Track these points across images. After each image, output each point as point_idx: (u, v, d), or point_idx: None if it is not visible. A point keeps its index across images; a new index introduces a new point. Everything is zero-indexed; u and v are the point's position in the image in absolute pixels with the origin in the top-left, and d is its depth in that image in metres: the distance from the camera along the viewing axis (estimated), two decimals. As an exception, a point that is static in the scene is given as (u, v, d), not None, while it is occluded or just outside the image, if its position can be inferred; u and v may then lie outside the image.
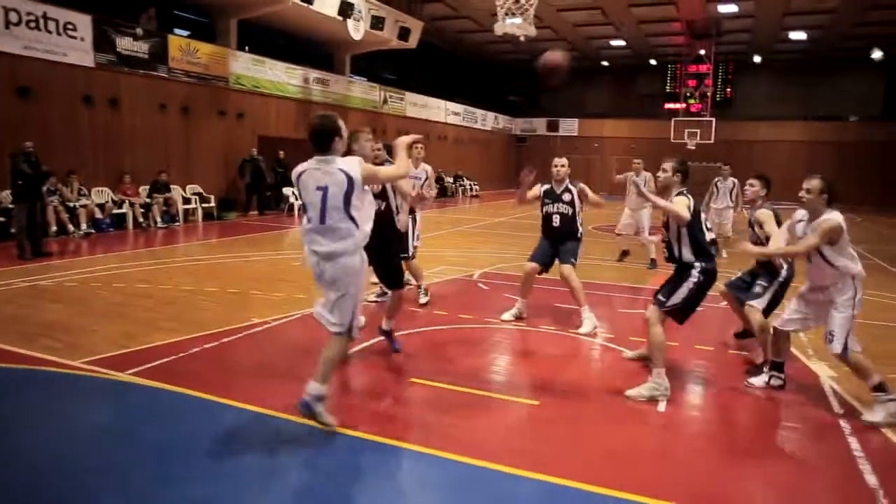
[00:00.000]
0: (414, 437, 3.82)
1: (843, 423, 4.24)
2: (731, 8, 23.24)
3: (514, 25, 5.68)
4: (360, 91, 22.31)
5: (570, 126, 35.13)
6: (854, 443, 3.92)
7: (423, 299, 7.14)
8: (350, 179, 3.59)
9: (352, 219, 3.64)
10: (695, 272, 4.69)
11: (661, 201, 4.72)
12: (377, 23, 19.73)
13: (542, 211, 6.51)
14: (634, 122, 34.07)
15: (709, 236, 4.75)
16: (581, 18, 25.41)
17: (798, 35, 26.55)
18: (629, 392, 4.62)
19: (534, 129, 35.93)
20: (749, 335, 5.74)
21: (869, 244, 14.84)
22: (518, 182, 6.23)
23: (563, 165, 6.50)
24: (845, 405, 4.57)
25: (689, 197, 4.70)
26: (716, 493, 3.33)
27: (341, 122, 3.78)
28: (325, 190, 3.60)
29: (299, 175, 3.73)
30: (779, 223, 5.38)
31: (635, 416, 4.31)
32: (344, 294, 3.76)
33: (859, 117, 31.16)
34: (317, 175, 3.65)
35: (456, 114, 29.09)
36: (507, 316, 6.63)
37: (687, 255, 4.71)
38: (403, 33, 21.26)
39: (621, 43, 29.48)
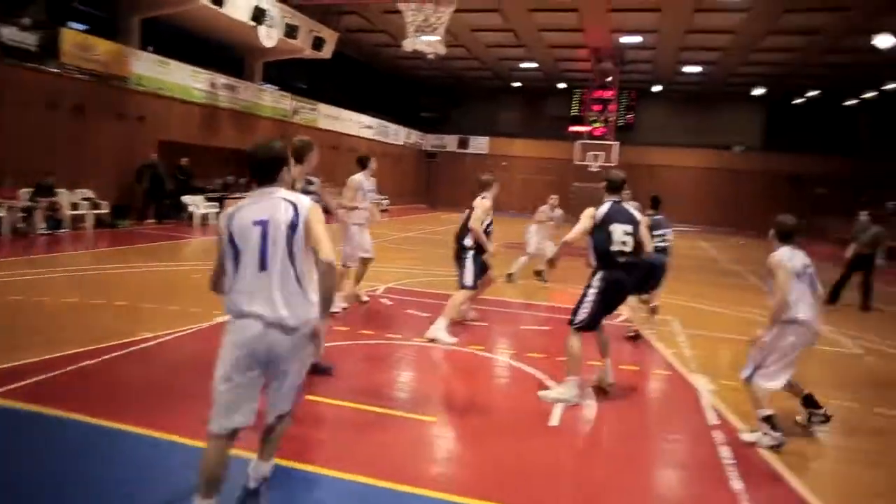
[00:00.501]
0: (309, 458, 3.75)
1: (715, 433, 4.54)
2: (635, 39, 24.58)
3: (423, 42, 5.75)
4: (271, 100, 21.84)
5: (480, 144, 35.82)
6: (725, 451, 4.20)
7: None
8: (296, 213, 2.81)
9: (297, 276, 2.79)
10: (595, 281, 4.95)
11: (569, 236, 5.06)
12: (291, 31, 19.43)
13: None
14: (543, 143, 35.21)
15: (617, 247, 4.92)
16: (494, 39, 26.08)
17: (693, 69, 28.41)
18: (541, 393, 4.97)
19: (445, 146, 36.36)
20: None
21: (751, 265, 16.02)
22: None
23: None
24: (720, 417, 4.89)
25: (598, 208, 5.01)
26: (600, 503, 3.48)
27: (288, 150, 3.12)
28: (263, 224, 2.78)
29: (231, 216, 2.83)
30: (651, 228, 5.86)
31: (528, 430, 4.43)
32: (293, 372, 2.91)
33: (744, 147, 33.70)
34: (254, 209, 2.83)
35: (369, 127, 29.00)
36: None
37: (592, 262, 5.03)
38: (317, 43, 21.04)
39: (533, 65, 30.46)
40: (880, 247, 11.31)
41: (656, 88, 33.63)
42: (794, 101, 32.92)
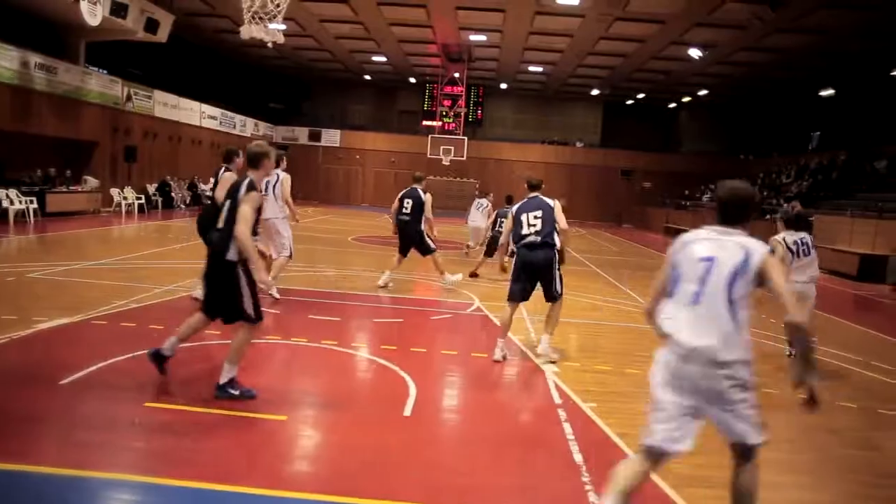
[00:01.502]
0: (150, 467, 3.48)
1: (560, 411, 4.82)
2: (481, 37, 25.39)
3: (261, 30, 5.48)
4: (99, 84, 19.90)
5: (332, 137, 35.26)
6: (567, 428, 4.48)
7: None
8: (746, 259, 2.78)
9: (733, 314, 2.77)
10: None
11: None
12: (119, 10, 17.78)
13: None
14: (395, 137, 35.42)
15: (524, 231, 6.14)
16: (343, 31, 25.71)
17: (536, 68, 29.93)
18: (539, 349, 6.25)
19: (296, 138, 35.37)
20: None
21: (590, 253, 17.22)
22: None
23: None
24: (564, 396, 5.20)
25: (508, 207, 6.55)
26: (456, 486, 3.55)
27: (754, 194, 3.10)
28: (710, 261, 2.82)
29: (686, 244, 2.94)
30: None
31: (382, 422, 4.42)
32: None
33: (583, 144, 36.19)
34: (706, 245, 2.88)
35: (212, 117, 27.45)
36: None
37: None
38: (151, 25, 19.47)
39: (383, 59, 30.45)
40: None
41: (503, 86, 35.05)
42: (627, 102, 35.85)
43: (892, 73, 23.03)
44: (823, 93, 27.78)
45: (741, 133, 35.38)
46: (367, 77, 35.34)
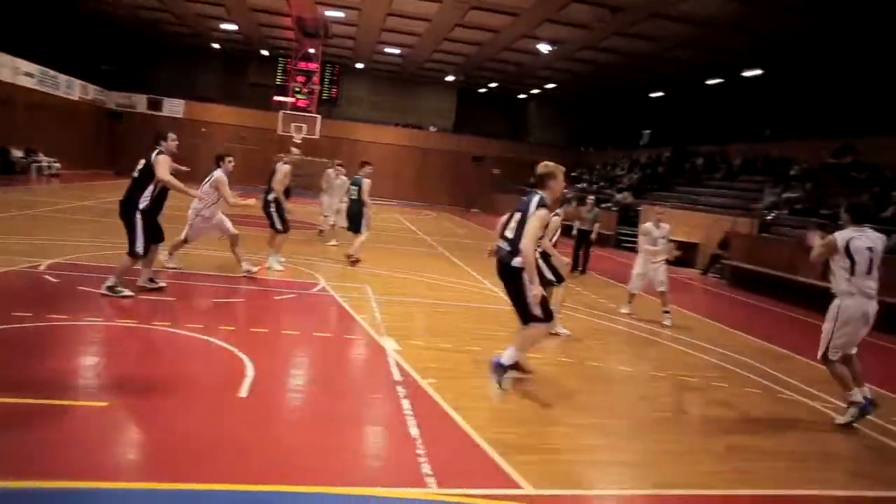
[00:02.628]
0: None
1: (399, 388, 4.92)
2: (338, 14, 24.83)
3: None
4: None
5: (175, 107, 32.79)
6: (406, 404, 4.59)
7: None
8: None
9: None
10: None
11: None
12: None
13: None
14: (244, 111, 33.72)
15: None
16: (190, -8, 24.00)
17: (392, 50, 29.86)
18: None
19: (133, 106, 32.48)
20: None
21: (439, 236, 17.64)
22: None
23: None
24: (404, 373, 5.31)
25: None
26: (292, 465, 3.51)
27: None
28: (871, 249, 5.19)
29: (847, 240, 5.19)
30: None
31: (217, 405, 4.26)
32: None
33: (437, 128, 36.77)
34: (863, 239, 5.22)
35: (29, 75, 24.41)
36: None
37: None
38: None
39: (233, 27, 28.82)
40: (597, 224, 13.77)
41: (359, 65, 34.61)
42: (480, 90, 36.89)
43: (707, 82, 25.79)
44: (653, 94, 30.47)
45: (583, 126, 37.83)
46: (216, 45, 33.30)
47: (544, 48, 24.82)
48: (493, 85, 35.42)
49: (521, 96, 37.89)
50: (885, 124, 18.19)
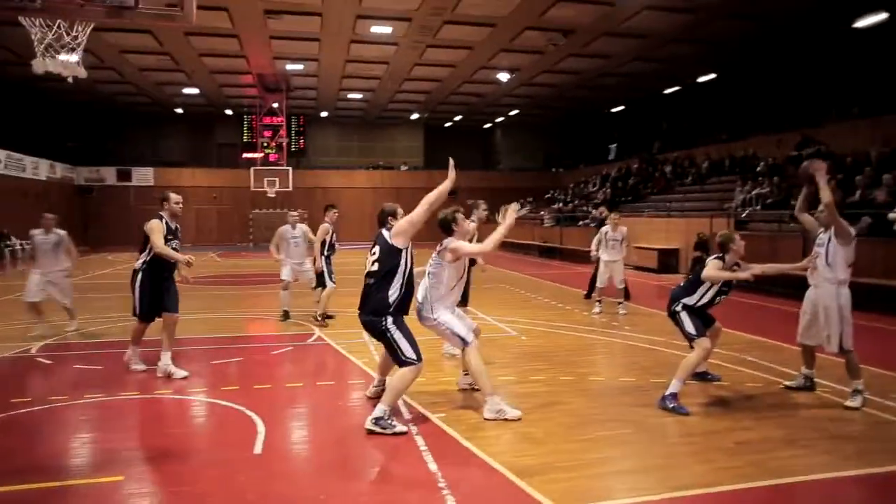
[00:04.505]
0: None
1: (410, 426, 4.94)
2: (297, 66, 25.21)
3: (58, 64, 4.99)
4: None
5: (144, 175, 32.75)
6: (419, 441, 4.61)
7: None
8: None
9: None
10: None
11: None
12: None
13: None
14: (214, 171, 33.88)
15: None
16: (149, 63, 24.21)
17: (355, 95, 30.30)
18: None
19: (102, 179, 32.40)
20: None
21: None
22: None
23: None
24: (412, 410, 5.33)
25: None
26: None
27: None
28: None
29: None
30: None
31: (232, 464, 4.24)
32: None
33: (408, 167, 37.14)
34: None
35: (-4, 160, 24.29)
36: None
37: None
38: None
39: (195, 91, 29.08)
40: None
41: (324, 114, 35.01)
42: (446, 125, 37.44)
43: (664, 92, 26.51)
44: (615, 109, 31.20)
45: (551, 148, 38.48)
46: (180, 110, 33.53)
47: (503, 77, 25.40)
48: (458, 118, 36.00)
49: (487, 125, 38.53)
50: (839, 111, 18.86)
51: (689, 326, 5.68)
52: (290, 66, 25.25)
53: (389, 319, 4.97)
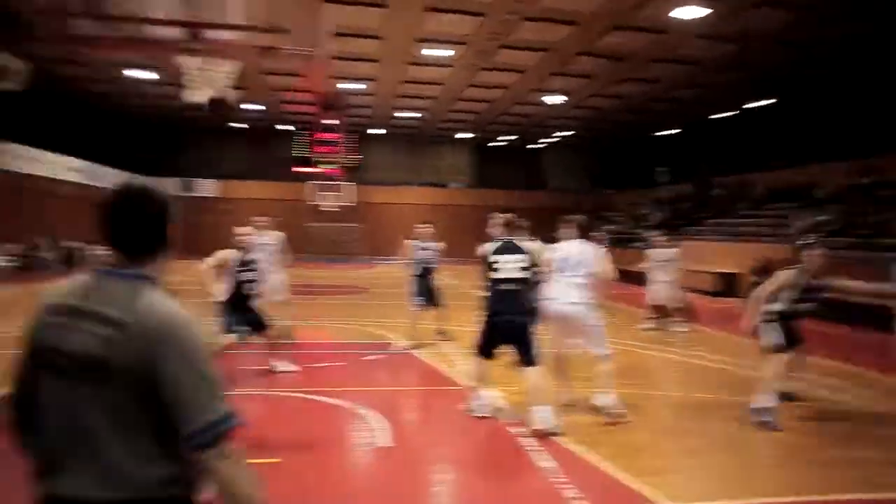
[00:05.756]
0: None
1: (510, 428, 5.39)
2: (357, 86, 26.10)
3: (205, 94, 5.58)
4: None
5: (206, 187, 34.19)
6: (524, 440, 5.07)
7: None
8: None
9: None
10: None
11: None
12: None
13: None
14: (273, 184, 35.07)
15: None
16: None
17: (409, 114, 31.11)
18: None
19: (167, 190, 33.82)
20: None
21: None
22: None
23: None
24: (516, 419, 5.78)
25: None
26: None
27: None
28: None
29: None
30: None
31: (369, 455, 4.76)
32: None
33: (458, 185, 37.81)
34: None
35: (77, 170, 25.73)
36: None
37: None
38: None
39: (257, 107, 30.23)
40: None
41: (379, 131, 35.94)
42: (496, 144, 38.07)
43: (711, 117, 26.67)
44: (665, 132, 31.36)
45: (599, 170, 38.71)
46: (240, 125, 34.83)
47: (554, 100, 25.85)
48: (508, 138, 36.51)
49: (536, 146, 38.96)
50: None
51: (771, 337, 5.97)
52: (349, 86, 26.13)
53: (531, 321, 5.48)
